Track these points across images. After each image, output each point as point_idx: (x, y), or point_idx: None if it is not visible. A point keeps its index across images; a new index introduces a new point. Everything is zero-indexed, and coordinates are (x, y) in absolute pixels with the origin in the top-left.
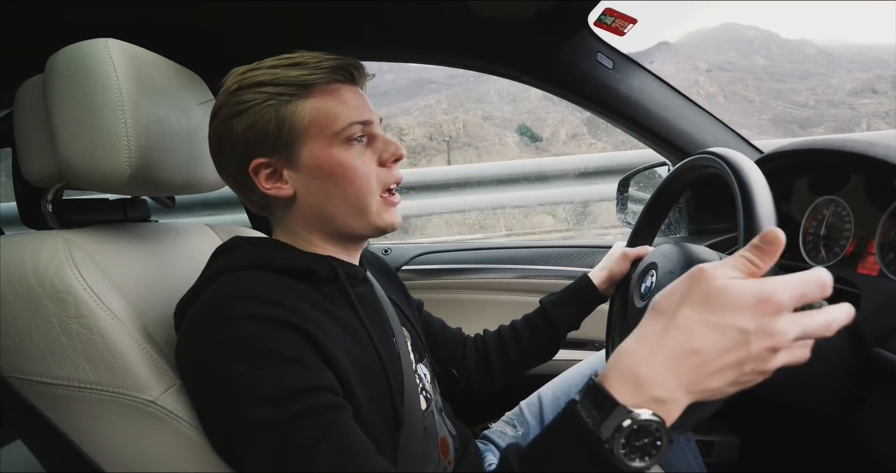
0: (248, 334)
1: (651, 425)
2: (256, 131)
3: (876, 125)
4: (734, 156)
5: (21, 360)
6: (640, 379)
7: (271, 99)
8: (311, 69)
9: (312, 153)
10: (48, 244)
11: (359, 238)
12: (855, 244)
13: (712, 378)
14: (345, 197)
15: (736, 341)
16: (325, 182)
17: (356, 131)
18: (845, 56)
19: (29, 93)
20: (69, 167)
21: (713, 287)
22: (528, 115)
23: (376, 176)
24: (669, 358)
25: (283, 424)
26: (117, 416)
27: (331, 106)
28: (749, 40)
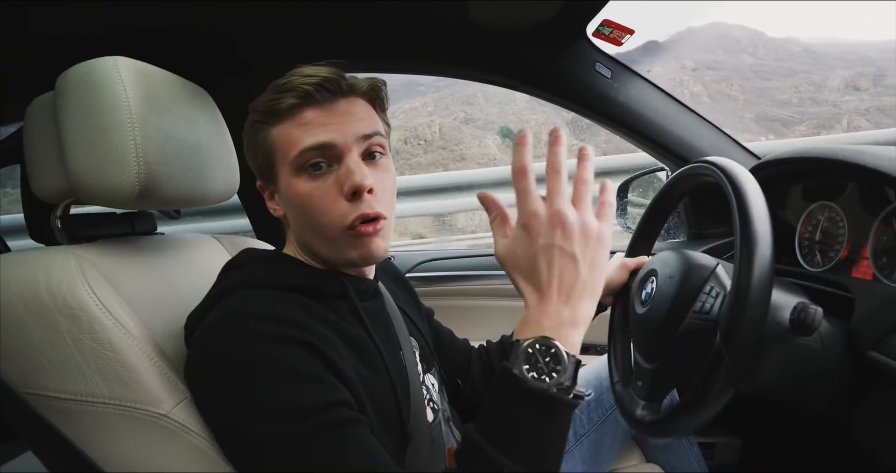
0: (262, 352)
1: (543, 347)
2: (250, 155)
3: (857, 122)
4: (729, 166)
5: (35, 376)
6: (527, 323)
7: (253, 125)
8: (279, 93)
9: (282, 182)
10: (59, 260)
11: (342, 266)
12: (849, 249)
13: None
14: (315, 229)
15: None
16: (295, 212)
17: (310, 157)
18: (830, 53)
19: (39, 110)
20: (79, 183)
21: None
22: (514, 117)
23: (339, 210)
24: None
25: (304, 438)
26: (130, 430)
27: (289, 132)
28: (736, 39)
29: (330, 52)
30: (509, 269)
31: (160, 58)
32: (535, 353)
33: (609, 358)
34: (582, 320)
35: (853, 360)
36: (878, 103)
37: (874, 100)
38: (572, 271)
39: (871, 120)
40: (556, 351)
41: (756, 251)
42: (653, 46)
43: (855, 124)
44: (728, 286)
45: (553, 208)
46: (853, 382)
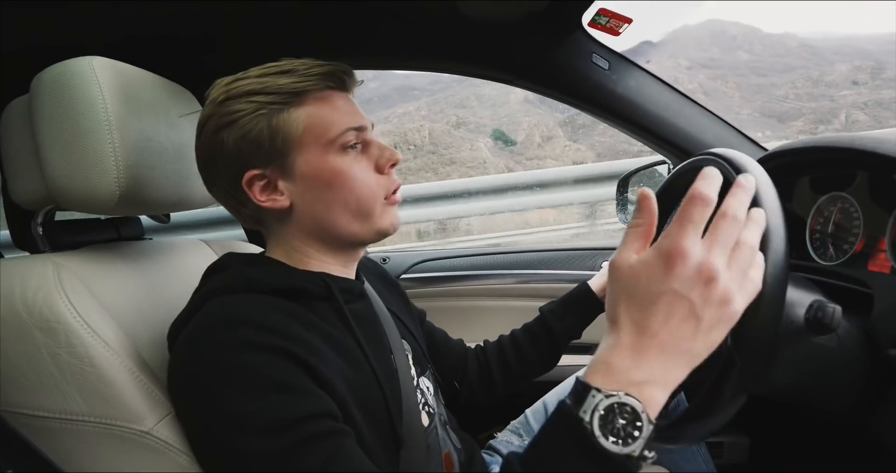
0: (242, 362)
1: (625, 405)
2: (248, 142)
3: (855, 116)
4: (737, 157)
5: (12, 393)
6: (612, 368)
7: (262, 108)
8: (302, 76)
9: (308, 162)
10: (37, 270)
11: (359, 244)
12: (864, 242)
13: (680, 343)
14: (346, 204)
15: (670, 302)
16: (323, 190)
17: (351, 138)
18: (828, 48)
19: (14, 113)
20: (57, 189)
21: (625, 275)
22: (507, 119)
23: (376, 182)
24: (633, 348)
25: (283, 453)
26: (112, 449)
27: (324, 113)
28: (732, 36)
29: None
30: (618, 289)
31: (141, 59)
32: (613, 410)
33: None
34: (673, 384)
35: (872, 359)
36: (876, 97)
37: (872, 94)
38: (689, 334)
39: (869, 113)
40: (637, 415)
41: (769, 246)
42: (647, 46)
43: (853, 118)
44: None
45: (708, 259)
46: (872, 382)
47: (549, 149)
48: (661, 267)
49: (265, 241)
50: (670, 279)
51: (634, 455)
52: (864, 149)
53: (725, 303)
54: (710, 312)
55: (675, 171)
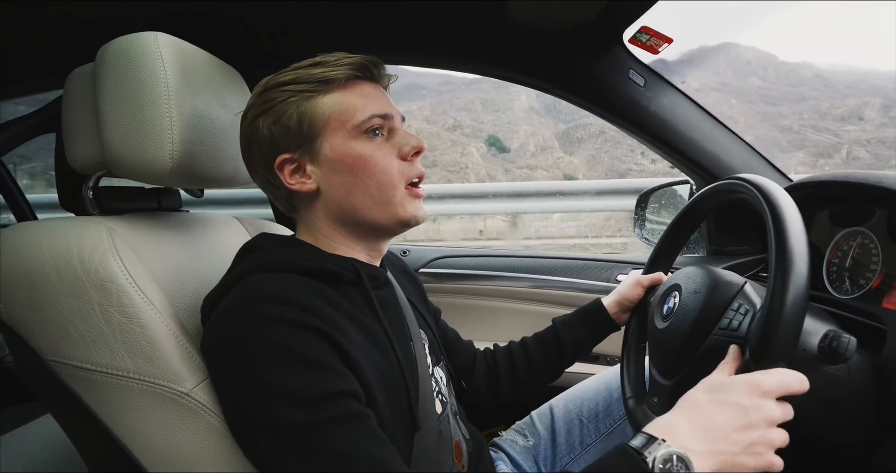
0: (276, 337)
1: (682, 460)
2: (280, 127)
3: (856, 152)
4: (766, 184)
5: (63, 345)
6: (673, 431)
7: (293, 96)
8: (331, 67)
9: (333, 147)
10: (92, 231)
11: (383, 232)
12: (881, 278)
13: (725, 442)
14: (366, 189)
15: (736, 412)
16: (346, 175)
17: (375, 124)
18: (843, 81)
19: (78, 81)
20: (113, 156)
21: (716, 379)
22: (508, 126)
23: (398, 169)
24: (692, 424)
25: (312, 428)
26: (152, 405)
27: (350, 100)
28: (747, 61)
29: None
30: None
31: (198, 41)
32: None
33: (622, 374)
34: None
35: (881, 394)
36: (880, 134)
37: (877, 131)
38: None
39: (871, 151)
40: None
41: (793, 269)
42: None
43: (854, 154)
44: (758, 304)
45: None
46: (879, 417)
47: (542, 158)
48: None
49: (298, 225)
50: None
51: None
52: (888, 187)
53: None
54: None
55: (702, 193)
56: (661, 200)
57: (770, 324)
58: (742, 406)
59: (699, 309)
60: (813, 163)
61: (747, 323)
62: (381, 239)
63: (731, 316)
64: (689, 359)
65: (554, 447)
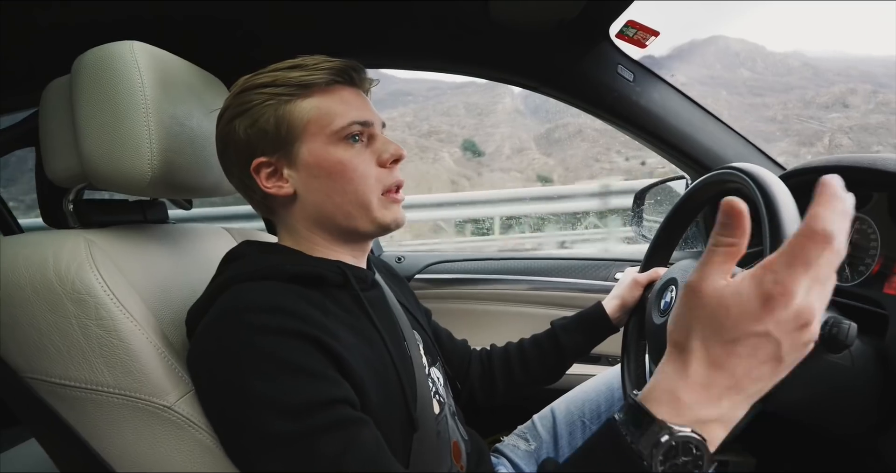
0: (264, 346)
1: (691, 442)
2: (257, 130)
3: (839, 140)
4: (759, 172)
5: (40, 361)
6: (681, 403)
7: (271, 99)
8: (311, 70)
9: (311, 151)
10: (70, 244)
11: (362, 236)
12: (881, 263)
13: (755, 384)
14: (344, 194)
15: (760, 346)
16: (324, 180)
17: (355, 130)
18: (833, 69)
19: (55, 93)
20: (92, 168)
21: (712, 304)
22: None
23: (376, 176)
24: (704, 384)
25: (303, 437)
26: (134, 420)
27: (330, 105)
28: (735, 53)
29: (348, 48)
30: (696, 315)
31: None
32: (678, 448)
33: (623, 371)
34: (735, 421)
35: (885, 380)
36: (863, 121)
37: (862, 118)
38: (767, 375)
39: (853, 138)
40: (702, 454)
41: None
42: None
43: (836, 142)
44: None
45: (809, 303)
46: (885, 404)
47: (517, 161)
48: (759, 305)
49: (278, 231)
50: (766, 320)
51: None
52: (884, 169)
53: (809, 343)
54: (793, 354)
55: (695, 185)
56: (658, 197)
57: None
58: (764, 335)
59: None
60: (796, 151)
61: None
62: (362, 242)
63: None
64: None
65: (556, 450)
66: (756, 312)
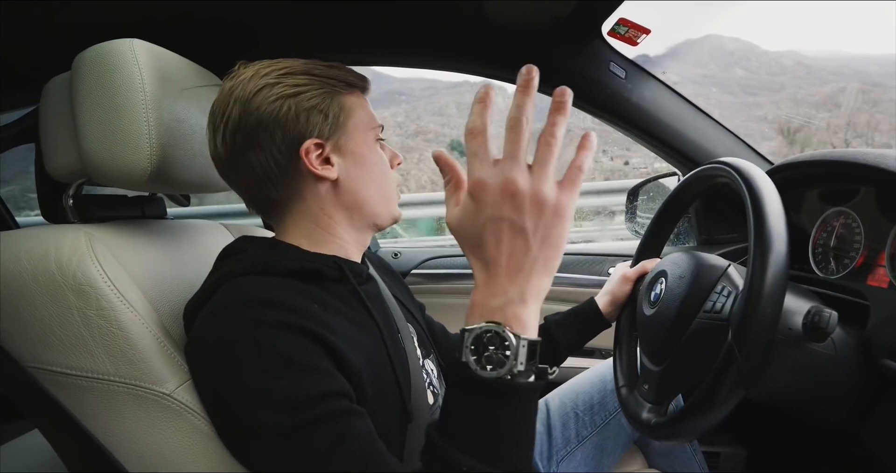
0: (261, 340)
1: (486, 333)
2: (316, 113)
3: (826, 140)
4: (745, 166)
5: (42, 351)
6: (474, 305)
7: (325, 86)
8: (346, 72)
9: (358, 143)
10: (70, 237)
11: (377, 225)
12: (865, 255)
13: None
14: (378, 185)
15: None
16: (366, 170)
17: (379, 133)
18: (827, 68)
19: (55, 90)
20: (92, 163)
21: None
22: None
23: (392, 174)
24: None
25: (298, 429)
26: (134, 408)
27: (364, 107)
28: (730, 52)
29: (344, 46)
30: (460, 242)
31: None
32: (481, 340)
33: (615, 363)
34: (532, 296)
35: (867, 369)
36: (853, 120)
37: (851, 117)
38: (522, 246)
39: (840, 137)
40: (502, 335)
41: (771, 249)
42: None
43: (823, 141)
44: (740, 286)
45: (504, 175)
46: (866, 391)
47: None
48: (472, 204)
49: (279, 224)
50: (481, 209)
51: (517, 370)
52: (867, 163)
53: (541, 205)
54: (530, 220)
55: (683, 181)
56: (650, 193)
57: (750, 304)
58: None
59: (685, 293)
60: (786, 152)
61: (730, 304)
62: (370, 234)
63: (715, 299)
64: (677, 344)
65: (550, 441)
66: (471, 211)
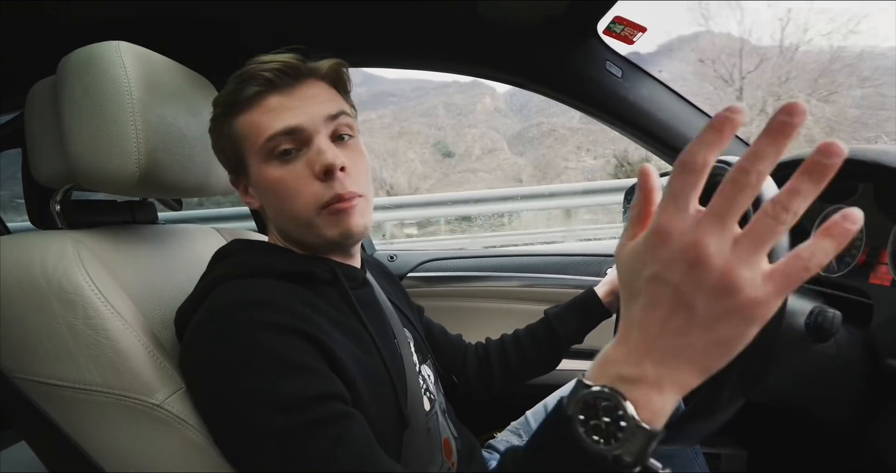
0: (256, 342)
1: (602, 400)
2: (218, 150)
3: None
4: None
5: (27, 361)
6: (605, 359)
7: (218, 118)
8: (241, 82)
9: (254, 170)
10: (56, 244)
11: (325, 248)
12: (866, 253)
13: (668, 338)
14: (289, 212)
15: (657, 292)
16: (271, 198)
17: (279, 143)
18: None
19: (40, 94)
20: (79, 168)
21: (619, 263)
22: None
23: (313, 191)
24: (622, 341)
25: (296, 432)
26: (123, 419)
27: (257, 120)
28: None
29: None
30: (619, 279)
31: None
32: (597, 404)
33: None
34: (671, 385)
35: (871, 368)
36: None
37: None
38: (680, 326)
39: (828, 132)
40: (620, 412)
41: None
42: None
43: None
44: None
45: (696, 235)
46: (871, 391)
47: (486, 161)
48: (645, 250)
49: (270, 231)
50: (651, 261)
51: (625, 460)
52: (867, 160)
53: (727, 291)
54: (703, 301)
55: None
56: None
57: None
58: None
59: None
60: None
61: None
62: (335, 249)
63: None
64: None
65: None
66: (642, 257)
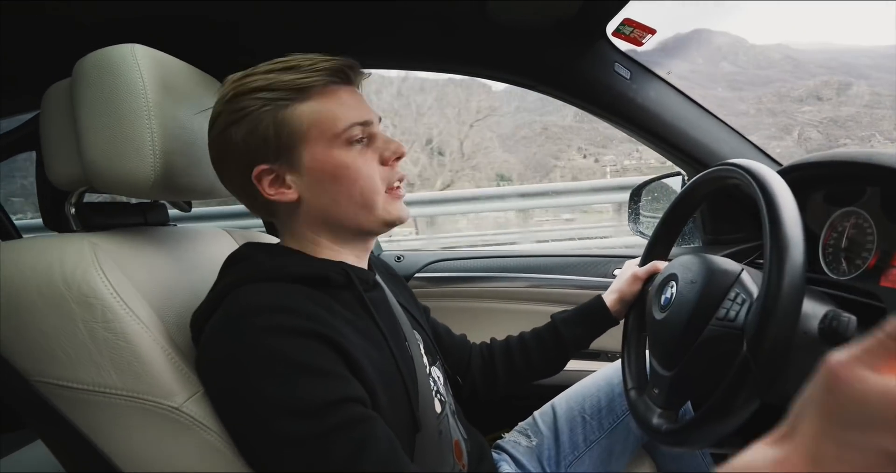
0: (274, 348)
1: None
2: (256, 138)
3: (808, 133)
4: (759, 169)
5: (47, 364)
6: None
7: (268, 104)
8: (307, 72)
9: (314, 156)
10: (74, 248)
11: (367, 234)
12: (878, 257)
13: None
14: (350, 196)
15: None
16: (328, 184)
17: (356, 133)
18: (815, 61)
19: (55, 97)
20: (94, 171)
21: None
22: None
23: (380, 174)
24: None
25: (318, 437)
26: (142, 422)
27: (329, 108)
28: (717, 47)
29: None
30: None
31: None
32: None
33: (623, 365)
34: None
35: None
36: (834, 114)
37: (833, 111)
38: None
39: (822, 131)
40: None
41: (787, 256)
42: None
43: (806, 135)
44: (754, 293)
45: None
46: None
47: (476, 160)
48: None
49: (281, 233)
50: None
51: None
52: (880, 164)
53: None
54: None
55: (693, 181)
56: (654, 193)
57: (766, 314)
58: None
59: (696, 299)
60: (765, 145)
61: (744, 313)
62: (367, 240)
63: (729, 306)
64: (688, 350)
65: (557, 445)
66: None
